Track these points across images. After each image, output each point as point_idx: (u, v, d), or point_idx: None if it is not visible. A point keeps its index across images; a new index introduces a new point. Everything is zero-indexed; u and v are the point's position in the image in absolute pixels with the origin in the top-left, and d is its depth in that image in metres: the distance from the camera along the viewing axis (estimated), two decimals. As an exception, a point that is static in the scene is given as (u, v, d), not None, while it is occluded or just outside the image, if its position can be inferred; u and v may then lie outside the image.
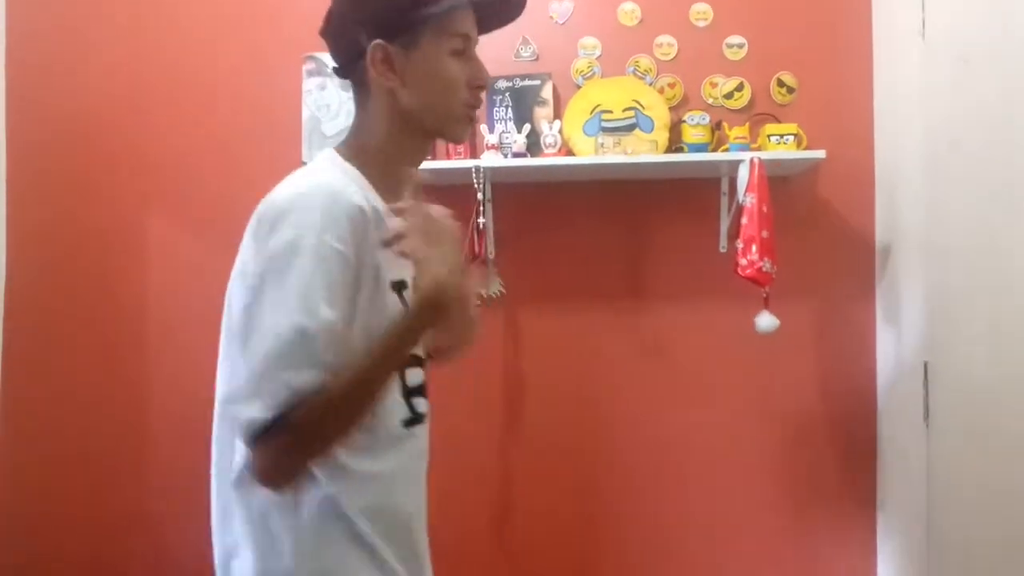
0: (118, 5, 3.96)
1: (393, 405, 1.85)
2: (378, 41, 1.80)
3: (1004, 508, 2.51)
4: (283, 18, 3.85)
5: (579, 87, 3.77)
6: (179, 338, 3.86)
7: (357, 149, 1.90)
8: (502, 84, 3.73)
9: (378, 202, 1.81)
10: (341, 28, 1.90)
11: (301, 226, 1.64)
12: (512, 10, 1.99)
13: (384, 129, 1.89)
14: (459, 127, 1.94)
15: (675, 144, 3.65)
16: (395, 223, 1.71)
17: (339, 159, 1.87)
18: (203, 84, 3.93)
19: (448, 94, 1.87)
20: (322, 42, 1.92)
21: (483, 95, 1.98)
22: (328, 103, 3.78)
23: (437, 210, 1.78)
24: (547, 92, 3.74)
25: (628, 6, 3.78)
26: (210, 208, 3.83)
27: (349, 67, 1.91)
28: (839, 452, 3.70)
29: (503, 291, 3.71)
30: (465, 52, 1.88)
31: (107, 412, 3.92)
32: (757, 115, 3.71)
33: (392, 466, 1.87)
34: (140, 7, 3.96)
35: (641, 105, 3.61)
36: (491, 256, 3.65)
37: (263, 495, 1.72)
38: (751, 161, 3.32)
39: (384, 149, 1.89)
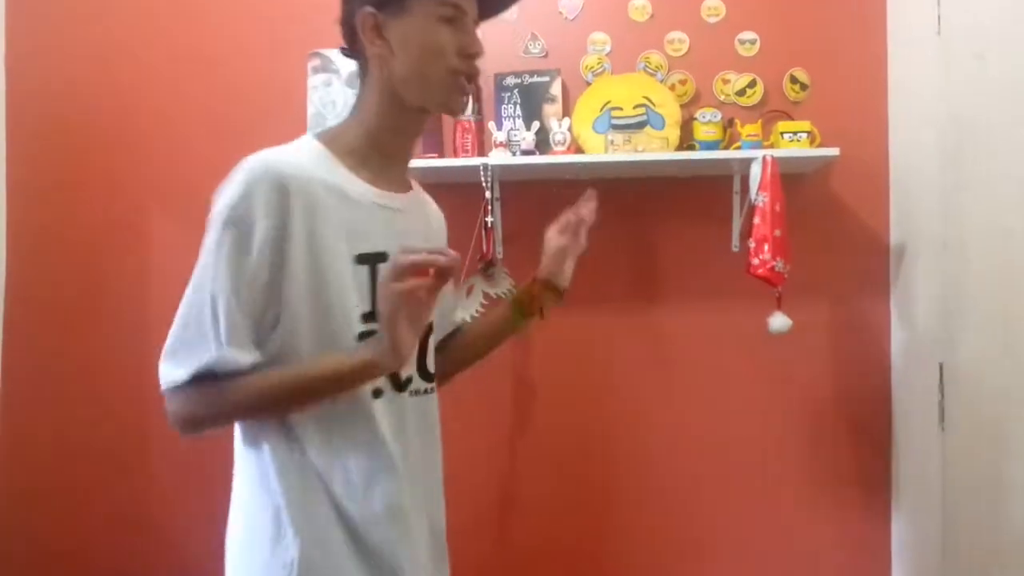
0: (116, 19, 3.95)
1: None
2: (368, 9, 1.86)
3: (1020, 510, 2.49)
4: (288, 14, 3.84)
5: (589, 84, 3.75)
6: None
7: (340, 130, 1.97)
8: (511, 81, 3.70)
9: (343, 178, 1.88)
10: (344, 6, 1.94)
11: (224, 201, 1.76)
12: None
13: (376, 102, 1.93)
14: (449, 96, 1.96)
15: (686, 142, 3.64)
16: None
17: (307, 138, 1.93)
18: (208, 80, 3.91)
19: (436, 60, 1.89)
20: (327, 38, 1.92)
21: (477, 66, 1.98)
22: (333, 99, 3.72)
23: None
24: (556, 89, 3.70)
25: (639, 2, 3.78)
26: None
27: (352, 45, 1.96)
28: (853, 454, 3.69)
29: (513, 290, 3.65)
30: (456, 21, 1.90)
31: (107, 411, 3.90)
32: (770, 112, 3.68)
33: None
34: (138, 22, 3.95)
35: (652, 102, 3.58)
36: (499, 255, 3.63)
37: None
38: (764, 159, 3.29)
39: (377, 125, 1.94)
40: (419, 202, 2.18)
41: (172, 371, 1.76)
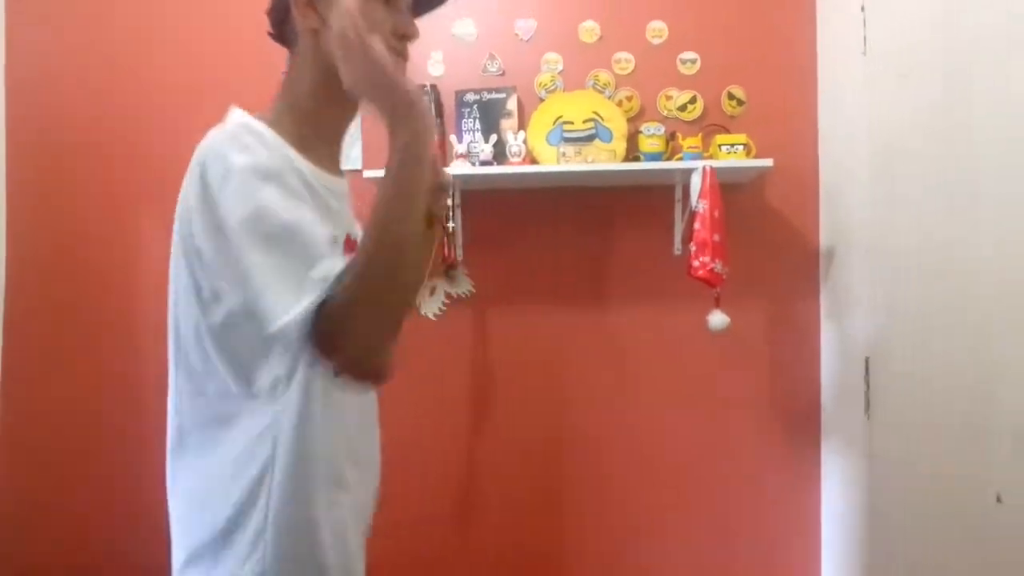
0: (115, 22, 3.99)
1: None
2: None
3: (940, 494, 2.59)
4: (265, 35, 3.86)
5: (542, 100, 3.85)
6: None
7: (276, 114, 1.81)
8: (470, 97, 3.80)
9: (295, 158, 1.74)
10: None
11: (228, 160, 1.61)
12: None
13: (309, 81, 1.81)
14: None
15: (632, 153, 3.72)
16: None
17: (246, 117, 1.77)
18: (193, 96, 3.95)
19: None
20: None
21: (408, 48, 1.84)
22: None
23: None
24: (512, 104, 3.80)
25: (588, 24, 3.89)
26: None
27: (282, 26, 1.89)
28: (785, 443, 3.80)
29: (472, 291, 3.82)
30: (391, 1, 1.78)
31: (103, 412, 3.95)
32: (709, 126, 3.79)
33: None
34: (136, 25, 3.99)
35: (600, 117, 3.68)
36: (460, 258, 3.74)
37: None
38: (703, 169, 3.40)
39: (314, 104, 1.81)
40: (345, 187, 1.98)
41: (291, 306, 1.50)
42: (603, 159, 3.63)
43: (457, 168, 3.62)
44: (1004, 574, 2.24)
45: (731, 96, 3.84)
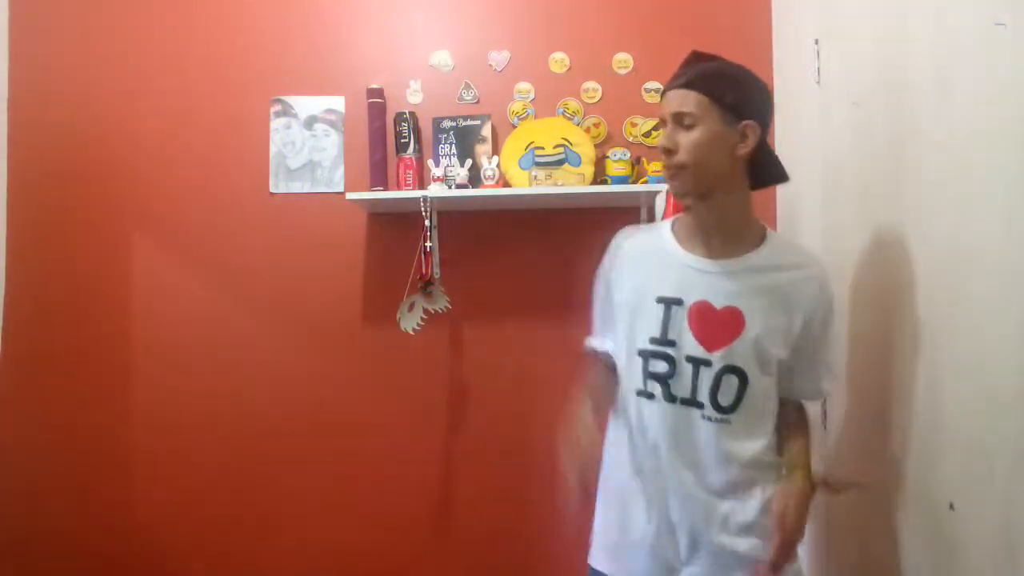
0: (113, 49, 3.91)
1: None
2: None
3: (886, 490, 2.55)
4: (253, 66, 3.91)
5: (515, 126, 3.86)
6: (160, 346, 3.87)
7: None
8: (447, 124, 3.81)
9: None
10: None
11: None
12: None
13: None
14: None
15: (600, 177, 3.74)
16: None
17: None
18: (185, 123, 3.92)
19: None
20: (287, 85, 1.86)
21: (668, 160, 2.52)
22: (292, 140, 3.85)
23: None
24: (487, 131, 3.81)
25: (558, 55, 3.90)
26: (188, 230, 3.87)
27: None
28: None
29: (449, 307, 3.76)
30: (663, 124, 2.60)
31: (96, 419, 3.86)
32: None
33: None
34: (131, 60, 3.92)
35: (570, 142, 3.69)
36: (437, 276, 3.68)
37: None
38: (667, 192, 3.32)
39: None
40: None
41: None
42: (572, 182, 3.62)
43: (434, 191, 3.61)
44: None
45: (693, 123, 3.76)
